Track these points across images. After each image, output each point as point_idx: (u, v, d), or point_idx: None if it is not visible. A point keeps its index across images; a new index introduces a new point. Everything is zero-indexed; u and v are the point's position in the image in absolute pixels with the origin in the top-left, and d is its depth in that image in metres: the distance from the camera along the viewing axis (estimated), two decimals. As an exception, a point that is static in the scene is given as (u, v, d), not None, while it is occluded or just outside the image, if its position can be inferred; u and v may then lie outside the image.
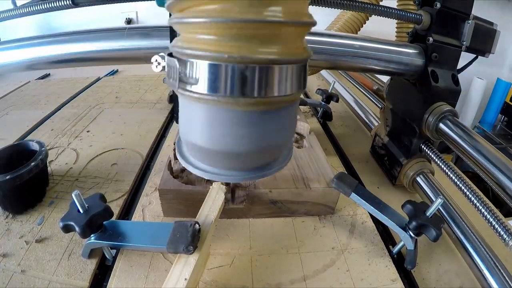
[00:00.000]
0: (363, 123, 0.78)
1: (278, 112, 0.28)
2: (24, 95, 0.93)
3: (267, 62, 0.24)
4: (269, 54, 0.24)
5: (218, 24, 0.23)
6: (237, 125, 0.27)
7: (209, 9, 0.23)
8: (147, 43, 0.44)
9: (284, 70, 0.25)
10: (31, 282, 0.36)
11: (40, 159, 0.45)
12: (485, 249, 0.38)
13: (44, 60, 0.46)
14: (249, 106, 0.26)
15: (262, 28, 0.24)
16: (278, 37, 0.25)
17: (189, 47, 0.25)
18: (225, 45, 0.24)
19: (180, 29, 0.27)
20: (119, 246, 0.36)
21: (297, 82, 0.27)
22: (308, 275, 0.37)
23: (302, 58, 0.27)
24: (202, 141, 0.28)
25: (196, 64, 0.25)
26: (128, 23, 1.75)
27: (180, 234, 0.32)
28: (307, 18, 0.26)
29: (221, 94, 0.25)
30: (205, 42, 0.24)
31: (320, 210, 0.46)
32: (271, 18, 0.23)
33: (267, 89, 0.25)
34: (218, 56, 0.24)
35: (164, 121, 0.75)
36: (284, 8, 0.24)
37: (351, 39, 0.48)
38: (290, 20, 0.24)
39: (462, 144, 0.41)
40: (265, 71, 0.24)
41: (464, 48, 0.47)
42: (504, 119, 1.88)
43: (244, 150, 0.28)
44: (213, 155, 0.30)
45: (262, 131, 0.28)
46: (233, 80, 0.24)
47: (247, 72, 0.24)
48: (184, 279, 0.30)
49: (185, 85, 0.26)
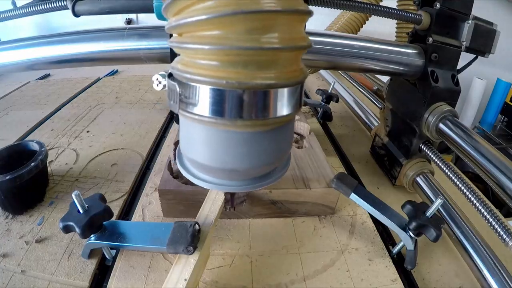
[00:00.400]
0: (363, 123, 0.78)
1: (274, 132, 0.29)
2: (24, 95, 0.93)
3: (264, 87, 0.25)
4: (266, 79, 0.25)
5: (216, 51, 0.24)
6: (235, 145, 0.28)
7: (207, 35, 0.24)
8: (147, 43, 0.44)
9: (280, 93, 0.26)
10: (31, 282, 0.36)
11: (40, 159, 0.45)
12: (485, 249, 0.38)
13: (44, 60, 0.46)
14: (246, 127, 0.27)
15: (259, 55, 0.24)
16: (275, 62, 0.25)
17: (188, 71, 0.26)
18: (223, 71, 0.24)
19: (180, 52, 0.27)
20: (119, 246, 0.36)
21: (293, 103, 0.28)
22: (308, 275, 0.37)
23: (298, 80, 0.27)
24: (201, 159, 0.30)
25: (196, 88, 0.25)
26: (128, 23, 1.75)
27: (180, 234, 0.32)
28: (303, 42, 0.26)
29: (220, 116, 0.26)
30: (204, 67, 0.25)
31: (320, 211, 0.46)
32: (268, 45, 0.24)
33: (264, 112, 0.26)
34: (217, 82, 0.24)
35: (164, 121, 0.75)
36: (280, 34, 0.24)
37: (351, 39, 0.48)
38: (286, 46, 0.25)
39: (462, 145, 0.41)
40: (262, 95, 0.25)
41: (464, 48, 0.47)
42: (504, 120, 1.88)
43: (242, 168, 0.29)
44: (213, 170, 0.31)
45: (260, 150, 0.29)
46: (231, 104, 0.25)
47: (245, 96, 0.25)
48: (184, 279, 0.30)
49: (185, 106, 0.27)
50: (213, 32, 0.24)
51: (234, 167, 0.29)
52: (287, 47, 0.25)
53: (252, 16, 0.23)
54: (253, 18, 0.23)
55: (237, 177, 0.32)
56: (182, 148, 0.33)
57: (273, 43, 0.24)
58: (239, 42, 0.23)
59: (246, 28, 0.23)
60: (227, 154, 0.29)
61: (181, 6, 0.24)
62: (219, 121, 0.26)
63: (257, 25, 0.23)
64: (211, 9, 0.23)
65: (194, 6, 0.24)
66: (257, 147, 0.29)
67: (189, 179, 0.33)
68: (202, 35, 0.24)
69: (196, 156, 0.30)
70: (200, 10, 0.23)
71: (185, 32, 0.26)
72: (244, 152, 0.28)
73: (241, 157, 0.29)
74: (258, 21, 0.23)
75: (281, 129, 0.29)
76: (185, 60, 0.27)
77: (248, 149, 0.28)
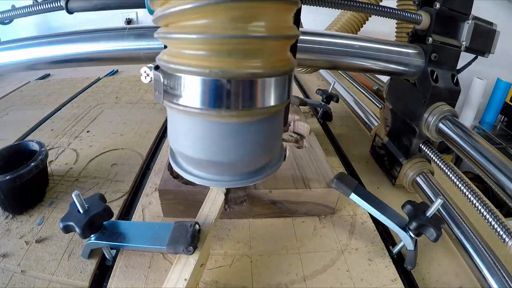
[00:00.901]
0: (363, 123, 0.78)
1: (262, 122, 0.28)
2: (24, 95, 0.93)
3: (249, 76, 0.25)
4: (252, 68, 0.24)
5: (201, 40, 0.24)
6: (221, 136, 0.27)
7: (192, 25, 0.24)
8: (147, 43, 0.44)
9: (267, 83, 0.26)
10: (31, 282, 0.36)
11: (40, 159, 0.45)
12: (485, 249, 0.38)
13: (44, 60, 0.46)
14: (232, 118, 0.26)
15: (245, 43, 0.24)
16: (261, 51, 0.25)
17: (173, 61, 0.25)
18: (208, 60, 0.24)
19: (166, 43, 0.27)
20: (119, 246, 0.36)
21: (281, 94, 0.27)
22: (308, 275, 0.37)
23: (286, 70, 0.27)
24: (188, 151, 0.29)
25: (180, 78, 0.25)
26: (128, 23, 1.75)
27: (180, 234, 0.32)
28: (290, 31, 0.26)
29: (205, 107, 0.25)
30: (189, 57, 0.25)
31: (320, 211, 0.46)
32: (254, 33, 0.24)
33: (251, 102, 0.26)
34: (201, 71, 0.24)
35: (164, 121, 0.75)
36: (266, 22, 0.24)
37: (351, 39, 0.48)
38: (273, 35, 0.24)
39: (462, 144, 0.41)
40: (248, 85, 0.25)
41: (464, 48, 0.47)
42: (504, 119, 1.88)
43: (229, 160, 0.29)
44: (200, 163, 0.30)
45: (246, 141, 0.28)
46: (216, 94, 0.25)
47: (230, 86, 0.24)
48: (184, 279, 0.30)
49: (171, 98, 0.26)
50: (198, 22, 0.23)
51: (221, 159, 0.29)
52: (272, 36, 0.24)
53: (236, 4, 0.23)
54: (238, 7, 0.23)
55: (228, 172, 0.31)
56: (169, 141, 0.32)
57: (259, 32, 0.24)
58: (223, 31, 0.23)
59: (231, 17, 0.23)
60: (213, 145, 0.28)
61: None
62: (204, 111, 0.25)
63: (242, 13, 0.23)
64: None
65: None
66: (244, 139, 0.28)
67: (181, 175, 0.32)
68: (188, 25, 0.24)
69: (182, 149, 0.30)
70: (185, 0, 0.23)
71: (171, 23, 0.25)
72: (231, 144, 0.28)
73: (228, 148, 0.28)
74: (242, 9, 0.23)
75: (269, 120, 0.29)
76: (171, 51, 0.26)
77: (234, 140, 0.28)
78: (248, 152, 0.29)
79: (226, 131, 0.27)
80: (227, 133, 0.27)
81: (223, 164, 0.30)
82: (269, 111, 0.27)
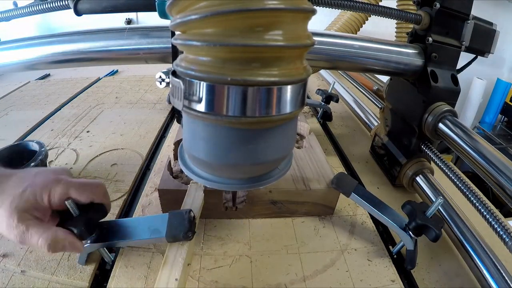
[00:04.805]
0: (363, 123, 0.78)
1: (277, 129, 0.29)
2: (24, 95, 0.93)
3: (267, 84, 0.25)
4: (270, 76, 0.25)
5: (221, 48, 0.24)
6: (238, 142, 0.28)
7: (211, 32, 0.24)
8: (147, 43, 0.44)
9: (283, 90, 0.26)
10: (31, 282, 0.36)
11: (40, 159, 0.45)
12: (485, 249, 0.38)
13: (44, 60, 0.46)
14: (250, 125, 0.27)
15: (263, 52, 0.24)
16: (279, 60, 0.25)
17: (192, 68, 0.26)
18: (227, 68, 0.24)
19: (184, 49, 0.27)
20: (117, 244, 0.36)
21: (296, 101, 0.28)
22: (308, 276, 0.37)
23: (302, 78, 0.27)
24: (205, 156, 0.30)
25: (200, 85, 0.25)
26: (128, 23, 1.75)
27: (178, 222, 0.33)
28: (307, 40, 0.26)
29: (223, 113, 0.26)
30: (208, 64, 0.25)
31: (320, 211, 0.46)
32: (272, 42, 0.24)
33: (268, 109, 0.26)
34: (221, 79, 0.24)
35: (164, 121, 0.75)
36: (284, 32, 0.24)
37: (351, 39, 0.48)
38: (290, 44, 0.25)
39: (462, 144, 0.41)
40: (265, 93, 0.25)
41: (464, 48, 0.47)
42: (504, 120, 1.88)
43: (245, 165, 0.30)
44: (219, 168, 0.31)
45: (263, 147, 0.29)
46: (235, 101, 0.25)
47: (248, 93, 0.25)
48: (174, 279, 0.30)
49: (189, 104, 0.27)
50: (218, 29, 0.24)
51: (235, 164, 0.29)
52: (291, 45, 0.25)
53: (256, 13, 0.23)
54: (257, 16, 0.23)
55: (240, 176, 0.32)
56: (185, 146, 0.33)
57: (277, 41, 0.24)
58: (243, 40, 0.23)
59: (251, 26, 0.23)
60: (231, 151, 0.29)
61: (186, 3, 0.24)
62: (223, 118, 0.26)
63: (261, 22, 0.23)
64: (216, 7, 0.23)
65: (199, 4, 0.24)
66: (262, 144, 0.29)
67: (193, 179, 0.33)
68: (207, 32, 0.24)
69: (200, 154, 0.30)
70: (204, 8, 0.23)
71: (189, 30, 0.25)
72: (248, 150, 0.28)
73: (245, 154, 0.29)
74: (262, 18, 0.23)
75: (285, 126, 0.29)
76: (189, 57, 0.26)
77: (251, 146, 0.28)
78: (264, 157, 0.30)
79: (245, 137, 0.28)
80: (245, 139, 0.28)
81: (240, 168, 0.30)
82: (286, 118, 0.28)
